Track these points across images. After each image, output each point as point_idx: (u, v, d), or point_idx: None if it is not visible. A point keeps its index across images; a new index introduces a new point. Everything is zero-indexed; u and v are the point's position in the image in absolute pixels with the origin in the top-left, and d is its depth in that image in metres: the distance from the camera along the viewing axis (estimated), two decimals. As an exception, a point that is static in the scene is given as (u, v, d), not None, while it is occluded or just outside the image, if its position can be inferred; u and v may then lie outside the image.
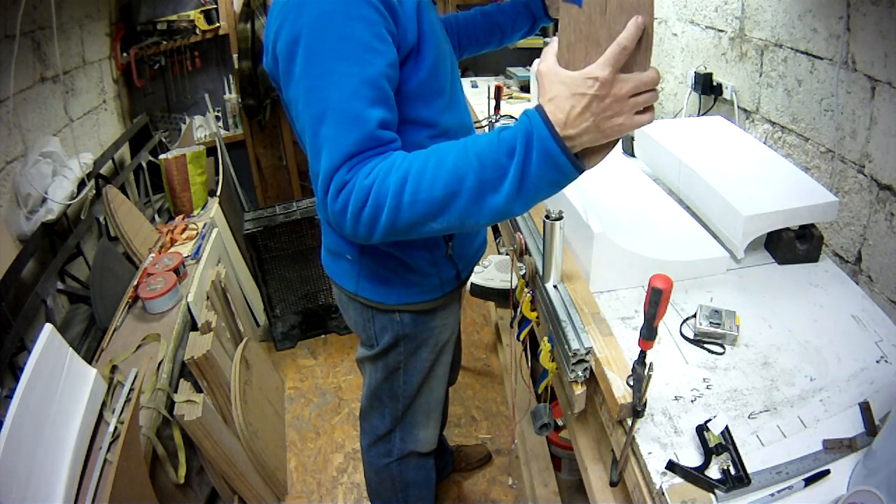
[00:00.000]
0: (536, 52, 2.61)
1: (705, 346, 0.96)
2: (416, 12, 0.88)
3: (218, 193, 2.56)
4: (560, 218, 1.01)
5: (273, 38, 0.86)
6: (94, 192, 2.05)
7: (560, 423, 1.64)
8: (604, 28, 0.69)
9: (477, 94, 2.58)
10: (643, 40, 0.68)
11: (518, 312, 1.21)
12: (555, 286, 1.08)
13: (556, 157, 0.71)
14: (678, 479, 0.74)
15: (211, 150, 2.66)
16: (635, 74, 0.69)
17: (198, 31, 2.86)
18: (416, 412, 1.30)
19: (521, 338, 1.28)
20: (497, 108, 2.06)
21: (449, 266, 1.13)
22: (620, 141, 1.39)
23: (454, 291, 1.19)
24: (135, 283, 1.84)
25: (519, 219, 1.34)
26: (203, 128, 3.07)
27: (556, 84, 0.72)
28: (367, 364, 1.26)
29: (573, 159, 0.72)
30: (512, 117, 2.09)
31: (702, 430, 0.79)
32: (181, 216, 2.36)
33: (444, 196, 0.74)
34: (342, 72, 0.79)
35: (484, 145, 0.74)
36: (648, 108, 0.72)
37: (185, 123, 2.96)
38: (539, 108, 0.73)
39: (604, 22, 0.69)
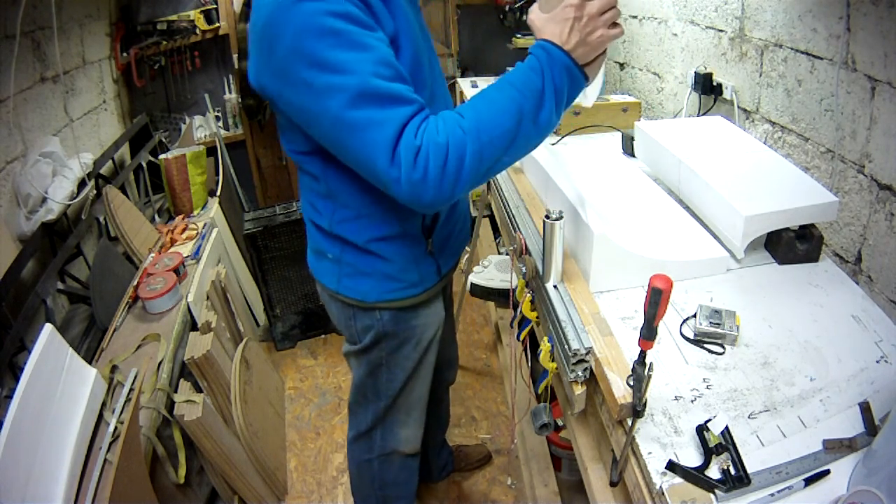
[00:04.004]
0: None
1: (705, 346, 0.96)
2: (384, 4, 0.90)
3: (218, 193, 2.56)
4: (560, 218, 1.01)
5: (255, 78, 0.94)
6: (94, 192, 2.06)
7: (560, 423, 1.64)
8: None
9: (477, 94, 2.58)
10: None
11: (518, 312, 1.21)
12: (555, 286, 1.08)
13: (571, 69, 0.88)
14: (678, 479, 0.74)
15: (211, 150, 2.66)
16: None
17: (198, 31, 2.85)
18: (398, 410, 1.30)
19: (521, 338, 1.29)
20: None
21: (429, 262, 1.14)
22: (620, 141, 1.42)
23: (435, 287, 1.19)
24: (135, 283, 1.84)
25: (519, 219, 1.34)
26: (203, 128, 3.07)
27: (544, 21, 0.90)
28: (352, 359, 1.27)
29: (581, 68, 0.89)
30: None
31: (702, 430, 0.79)
32: (181, 216, 2.36)
33: (512, 126, 0.85)
34: (350, 60, 0.81)
35: (513, 76, 0.87)
36: (617, 24, 0.90)
37: (185, 123, 2.96)
38: (542, 40, 0.88)
39: None
